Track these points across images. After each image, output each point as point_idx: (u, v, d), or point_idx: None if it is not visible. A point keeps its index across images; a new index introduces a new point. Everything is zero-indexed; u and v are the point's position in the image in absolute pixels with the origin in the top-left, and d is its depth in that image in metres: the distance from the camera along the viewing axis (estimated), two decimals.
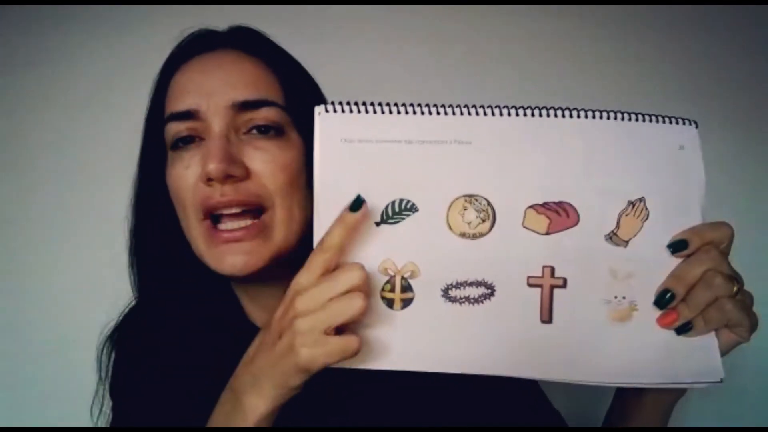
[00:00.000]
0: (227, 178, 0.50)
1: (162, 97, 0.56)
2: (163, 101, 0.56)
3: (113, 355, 0.62)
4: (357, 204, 0.44)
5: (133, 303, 0.64)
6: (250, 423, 0.44)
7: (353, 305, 0.42)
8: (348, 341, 0.42)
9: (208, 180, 0.51)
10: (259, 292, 0.59)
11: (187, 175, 0.53)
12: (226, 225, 0.52)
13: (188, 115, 0.53)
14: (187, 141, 0.54)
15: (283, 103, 0.54)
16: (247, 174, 0.52)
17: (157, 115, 0.56)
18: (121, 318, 0.63)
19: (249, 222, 0.52)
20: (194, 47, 0.57)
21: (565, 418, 0.67)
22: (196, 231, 0.53)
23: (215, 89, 0.53)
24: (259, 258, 0.52)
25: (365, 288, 0.43)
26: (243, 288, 0.61)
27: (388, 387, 0.54)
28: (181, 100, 0.54)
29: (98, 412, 0.62)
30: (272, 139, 0.53)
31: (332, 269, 0.43)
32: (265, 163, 0.52)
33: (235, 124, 0.53)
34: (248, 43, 0.58)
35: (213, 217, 0.53)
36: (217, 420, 0.48)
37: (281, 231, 0.53)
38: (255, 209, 0.53)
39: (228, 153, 0.51)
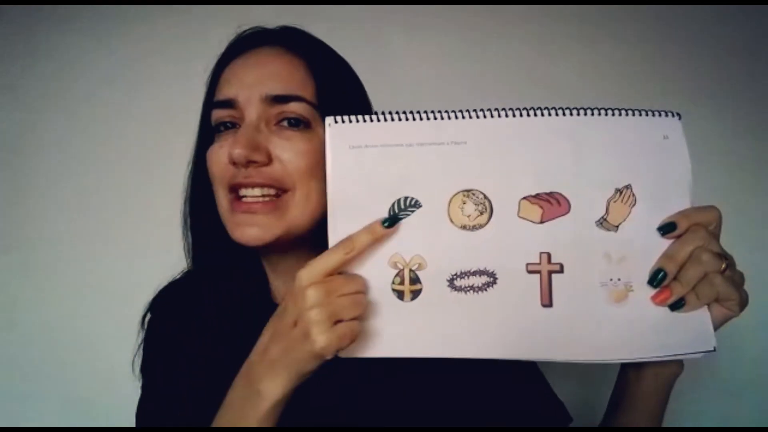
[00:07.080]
0: (249, 163, 0.57)
1: (213, 87, 0.63)
2: (214, 91, 0.63)
3: (143, 333, 0.68)
4: (392, 221, 0.50)
5: (165, 283, 0.69)
6: (265, 407, 0.48)
7: (361, 303, 0.49)
8: (352, 325, 0.48)
9: (233, 163, 0.57)
10: (279, 263, 0.65)
11: (220, 153, 0.59)
12: (246, 198, 0.58)
13: (228, 103, 0.60)
14: (228, 126, 0.61)
15: (314, 100, 0.59)
16: (269, 160, 0.57)
17: (209, 102, 0.64)
18: (153, 297, 0.69)
19: (267, 198, 0.58)
20: (245, 44, 0.63)
21: (569, 405, 0.68)
22: (223, 201, 0.60)
23: (253, 82, 0.59)
24: (271, 232, 0.57)
25: (366, 293, 0.50)
26: (267, 259, 0.67)
27: (397, 378, 0.58)
28: (224, 90, 0.61)
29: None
30: (299, 131, 0.59)
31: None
32: (288, 151, 0.58)
33: (267, 115, 0.59)
34: (292, 41, 0.63)
35: (237, 192, 0.59)
36: (231, 405, 0.51)
37: (296, 210, 0.58)
38: (276, 190, 0.58)
39: (252, 141, 0.57)
